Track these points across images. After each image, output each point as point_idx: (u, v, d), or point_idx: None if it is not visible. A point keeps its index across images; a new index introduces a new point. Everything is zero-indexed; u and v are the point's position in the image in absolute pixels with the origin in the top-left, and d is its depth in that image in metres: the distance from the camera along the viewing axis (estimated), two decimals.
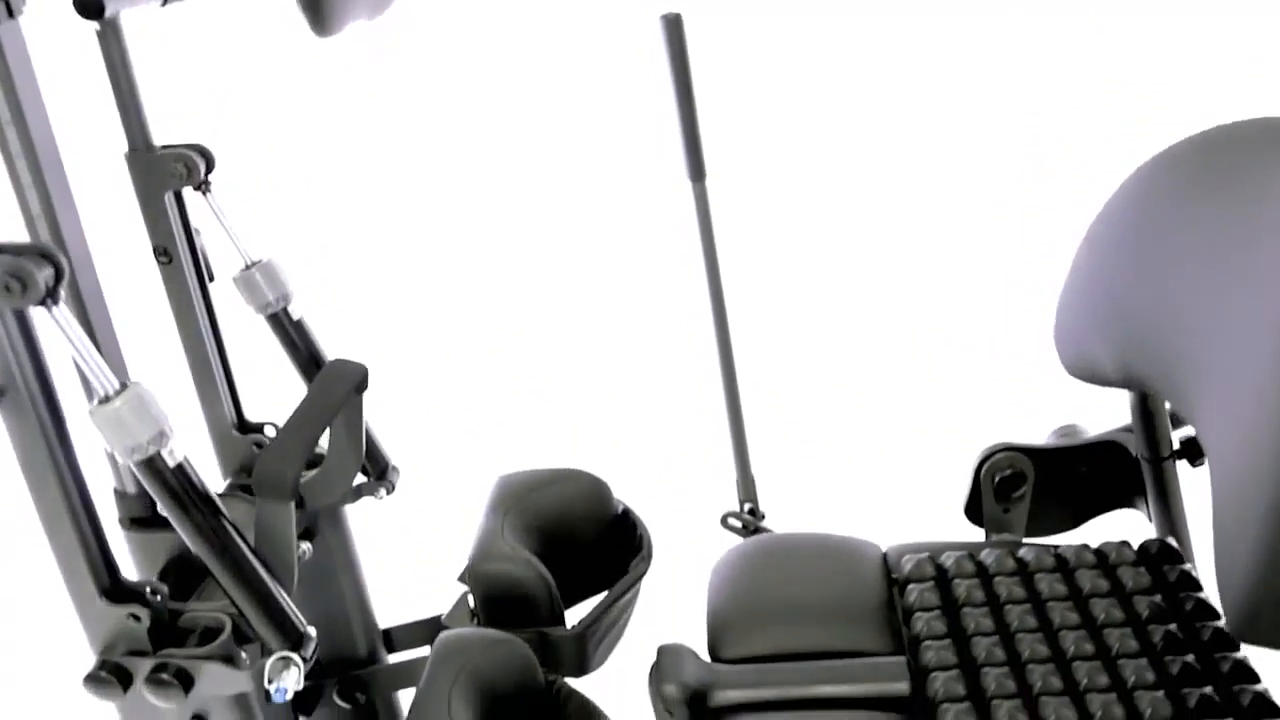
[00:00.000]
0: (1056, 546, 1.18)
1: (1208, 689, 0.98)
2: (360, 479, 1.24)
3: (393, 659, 1.35)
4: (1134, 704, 0.98)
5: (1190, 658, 1.02)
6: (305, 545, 1.18)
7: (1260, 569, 0.79)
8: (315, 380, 1.05)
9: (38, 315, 0.84)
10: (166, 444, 0.87)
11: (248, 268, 1.12)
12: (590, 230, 3.06)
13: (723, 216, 1.36)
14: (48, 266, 0.82)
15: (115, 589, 0.96)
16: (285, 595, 0.96)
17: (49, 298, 0.81)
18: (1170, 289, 0.96)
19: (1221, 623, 1.06)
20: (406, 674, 1.32)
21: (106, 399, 0.84)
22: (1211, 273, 0.92)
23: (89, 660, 0.97)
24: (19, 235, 0.89)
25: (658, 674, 1.10)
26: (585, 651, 1.15)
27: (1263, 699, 0.98)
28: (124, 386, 0.85)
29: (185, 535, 0.90)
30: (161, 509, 0.89)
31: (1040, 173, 2.99)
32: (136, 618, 0.95)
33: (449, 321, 2.90)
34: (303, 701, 1.31)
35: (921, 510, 1.28)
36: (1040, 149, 3.08)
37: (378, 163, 3.15)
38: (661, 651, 1.12)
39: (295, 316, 1.15)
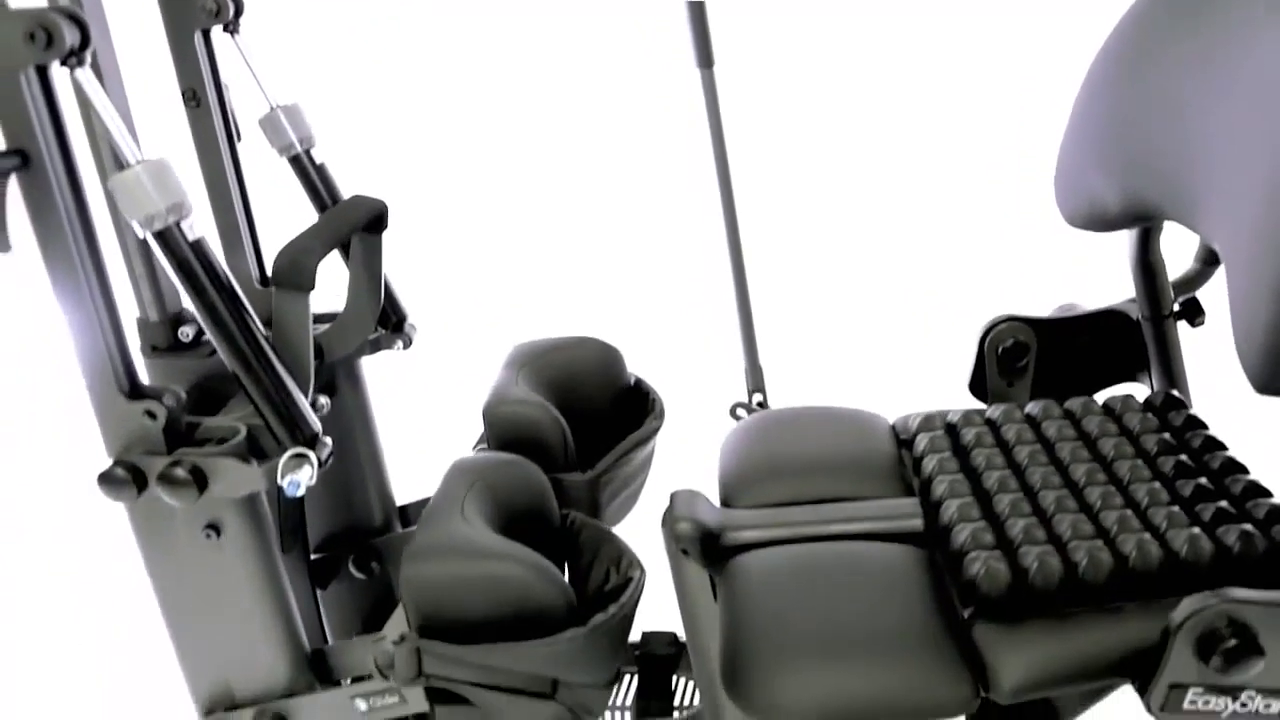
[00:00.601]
0: (1062, 402, 1.19)
1: (1222, 503, 0.99)
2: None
3: (408, 532, 1.33)
4: (1149, 519, 0.99)
5: (1203, 480, 1.03)
6: (324, 399, 1.18)
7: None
8: (336, 204, 1.06)
9: (60, 78, 0.84)
10: (186, 217, 0.87)
11: (272, 110, 1.14)
12: (599, 123, 3.10)
13: (731, 105, 1.40)
14: (75, 28, 0.83)
15: (133, 388, 0.95)
16: (300, 392, 0.95)
17: (74, 57, 0.82)
18: (1174, 103, 0.99)
19: (1231, 451, 1.07)
20: None
21: (127, 166, 0.85)
22: (1214, 80, 0.95)
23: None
24: None
25: (671, 514, 1.10)
26: (597, 498, 1.15)
27: (1278, 510, 0.98)
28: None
29: (200, 316, 0.90)
30: (179, 284, 0.89)
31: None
32: (153, 415, 0.94)
33: (462, 220, 2.94)
34: (319, 574, 1.29)
35: (929, 397, 1.29)
36: None
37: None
38: (674, 495, 1.12)
39: (318, 160, 1.17)
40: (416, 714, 1.04)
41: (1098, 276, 1.35)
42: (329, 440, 0.98)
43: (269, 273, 1.22)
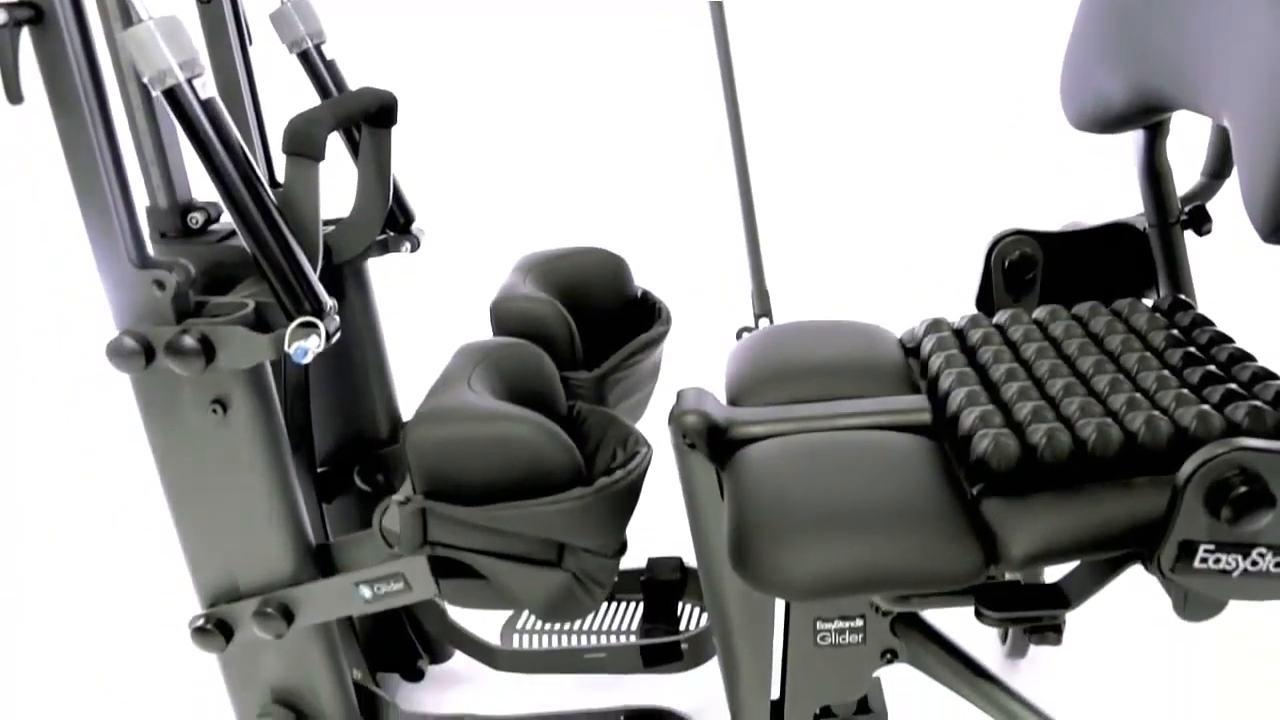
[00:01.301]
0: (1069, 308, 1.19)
1: (1231, 385, 0.98)
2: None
3: None
4: (1158, 401, 0.99)
5: (1211, 367, 1.02)
6: (332, 301, 1.18)
7: None
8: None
9: None
10: (198, 75, 0.88)
11: (283, 4, 1.15)
12: (614, 46, 3.17)
13: (738, 31, 1.40)
14: None
15: (142, 258, 0.96)
16: (309, 262, 0.95)
17: None
18: None
19: (1238, 343, 1.07)
20: None
21: (140, 20, 0.85)
22: None
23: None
24: None
25: (678, 409, 1.10)
26: (604, 397, 1.14)
27: None
28: None
29: (211, 176, 0.90)
30: (189, 142, 0.89)
31: None
32: (161, 285, 0.94)
33: (476, 136, 3.00)
34: (324, 488, 1.29)
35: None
36: None
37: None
38: (681, 392, 1.12)
39: (328, 56, 1.17)
40: None
41: (1104, 193, 1.35)
42: (337, 316, 0.98)
43: (279, 178, 1.22)
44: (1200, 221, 1.22)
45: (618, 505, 0.99)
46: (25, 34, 0.85)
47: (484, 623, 1.44)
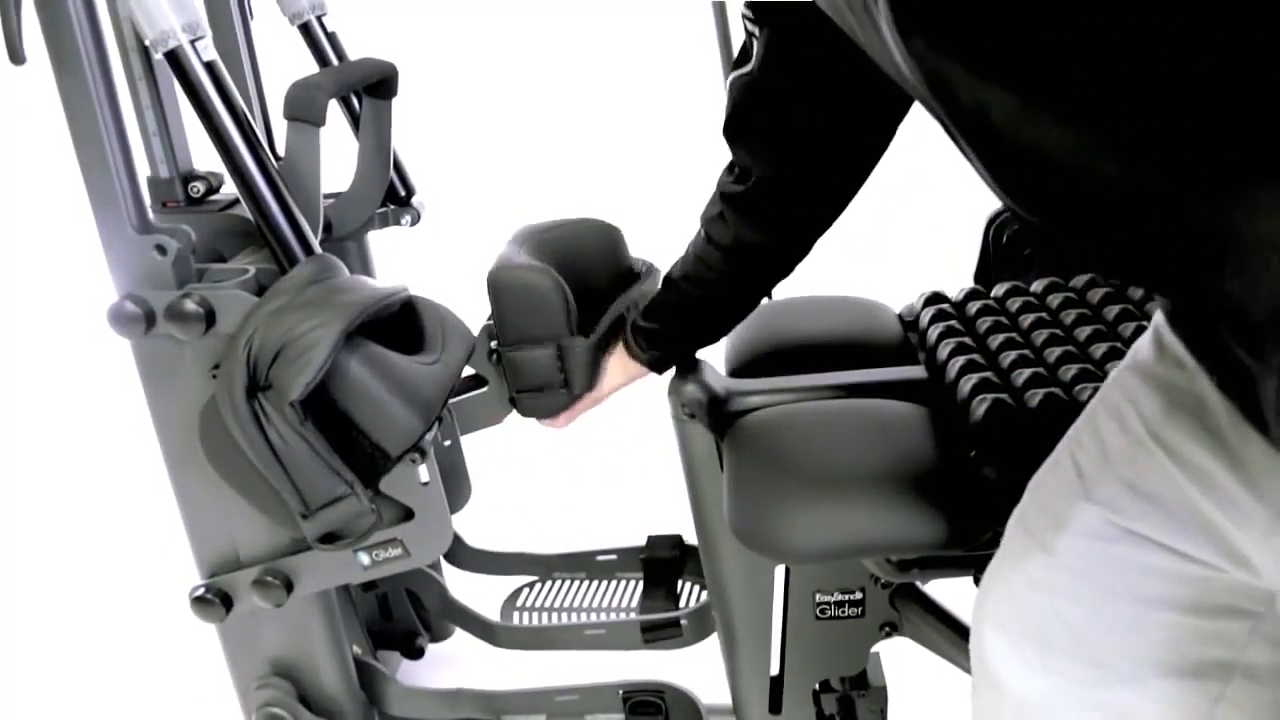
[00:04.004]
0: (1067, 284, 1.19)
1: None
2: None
3: None
4: None
5: None
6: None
7: None
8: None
9: None
10: (201, 38, 0.89)
11: None
12: (614, 46, 3.17)
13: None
14: None
15: (143, 223, 0.96)
16: (310, 228, 0.96)
17: None
18: None
19: None
20: None
21: None
22: None
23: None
24: None
25: (677, 379, 1.10)
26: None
27: None
28: None
29: (213, 139, 0.91)
30: (190, 104, 0.90)
31: None
32: (163, 250, 0.95)
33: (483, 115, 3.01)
34: None
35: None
36: None
37: None
38: (680, 363, 1.12)
39: (329, 28, 1.18)
40: None
41: None
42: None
43: (280, 151, 1.23)
44: None
45: None
46: None
47: (484, 600, 1.45)
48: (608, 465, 1.94)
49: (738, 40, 1.42)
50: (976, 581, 0.97)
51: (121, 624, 1.67)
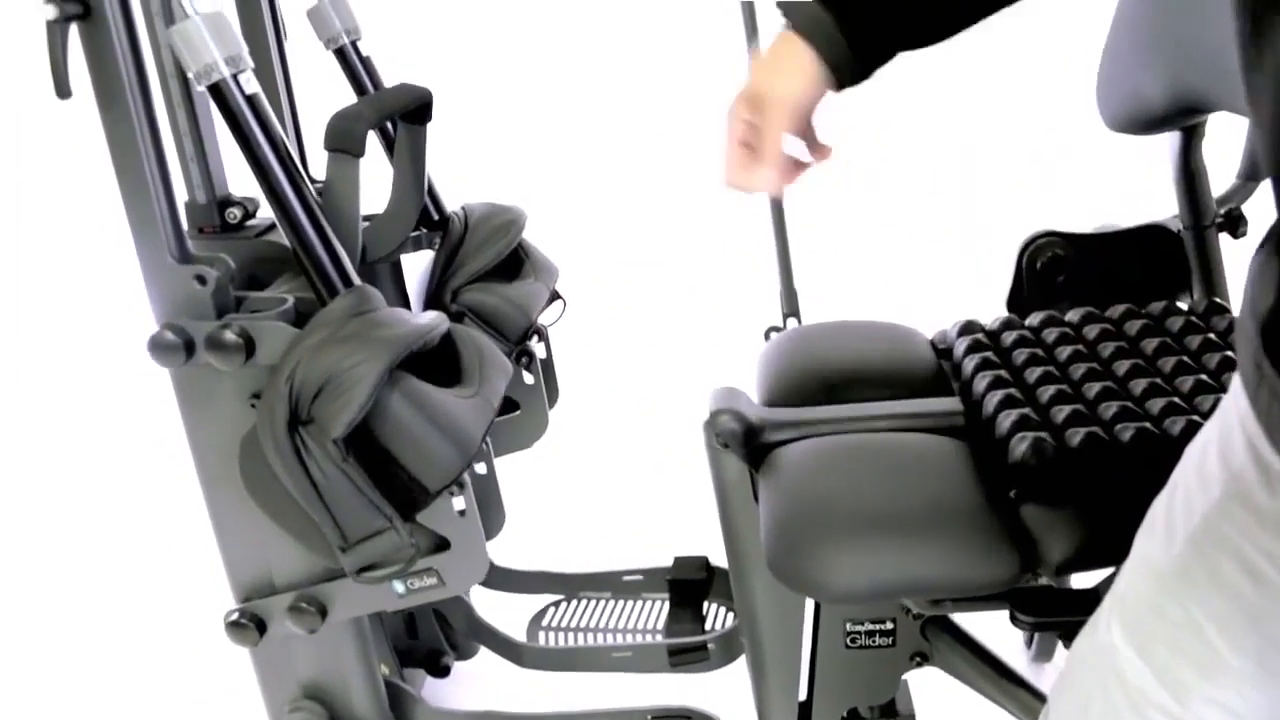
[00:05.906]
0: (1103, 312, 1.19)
1: None
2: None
3: None
4: (1197, 407, 0.98)
5: None
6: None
7: None
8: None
9: None
10: (243, 71, 0.88)
11: (320, 1, 1.15)
12: (641, 50, 3.21)
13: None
14: None
15: (183, 253, 0.96)
16: (349, 258, 0.96)
17: None
18: None
19: None
20: None
21: (186, 16, 0.86)
22: None
23: None
24: None
25: (712, 409, 1.10)
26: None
27: None
28: None
29: (254, 171, 0.91)
30: (236, 143, 0.90)
31: None
32: (203, 280, 0.95)
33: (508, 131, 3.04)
34: None
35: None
36: None
37: None
38: (714, 392, 1.12)
39: (364, 53, 1.18)
40: None
41: (1136, 195, 1.34)
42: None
43: (312, 174, 1.23)
44: (1236, 224, 1.22)
45: None
46: (74, 30, 0.86)
47: (508, 617, 1.45)
48: (634, 485, 1.94)
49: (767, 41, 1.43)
50: (1013, 617, 0.97)
51: (155, 648, 1.67)
